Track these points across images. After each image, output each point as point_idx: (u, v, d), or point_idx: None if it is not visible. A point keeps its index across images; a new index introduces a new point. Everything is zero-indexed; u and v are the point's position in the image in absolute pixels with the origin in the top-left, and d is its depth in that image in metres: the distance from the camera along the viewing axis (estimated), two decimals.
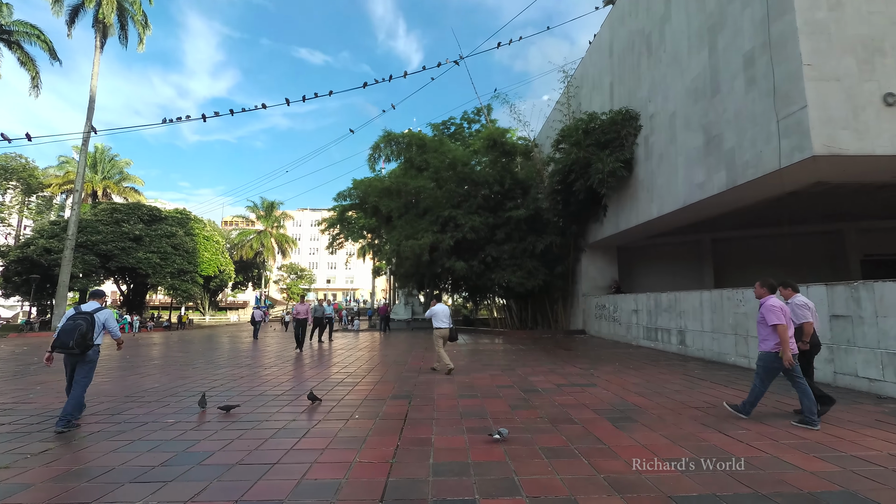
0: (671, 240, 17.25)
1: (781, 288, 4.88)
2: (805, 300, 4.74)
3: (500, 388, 6.50)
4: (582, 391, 6.28)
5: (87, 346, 4.74)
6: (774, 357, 4.31)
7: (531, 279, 17.17)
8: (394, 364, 9.24)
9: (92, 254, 28.88)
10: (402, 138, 17.80)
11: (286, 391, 6.41)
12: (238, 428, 4.56)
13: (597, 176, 13.04)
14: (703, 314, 9.58)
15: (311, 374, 8.02)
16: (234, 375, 7.95)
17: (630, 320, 13.08)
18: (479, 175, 17.85)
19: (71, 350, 4.67)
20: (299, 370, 8.62)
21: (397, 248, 17.66)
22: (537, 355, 10.53)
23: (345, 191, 22.01)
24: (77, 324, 4.72)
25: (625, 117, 13.35)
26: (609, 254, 17.55)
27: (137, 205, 33.87)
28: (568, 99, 18.71)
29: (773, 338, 4.31)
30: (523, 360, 9.63)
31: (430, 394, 6.18)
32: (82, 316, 4.82)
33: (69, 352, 4.70)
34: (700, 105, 9.87)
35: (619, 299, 13.94)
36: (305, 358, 10.61)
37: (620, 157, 12.94)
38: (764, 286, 4.55)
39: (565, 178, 14.91)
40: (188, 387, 6.91)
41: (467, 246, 17.86)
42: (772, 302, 4.41)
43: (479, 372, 8.06)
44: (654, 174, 11.91)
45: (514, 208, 17.30)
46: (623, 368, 8.32)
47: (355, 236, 28.77)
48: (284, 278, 60.00)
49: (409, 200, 19.94)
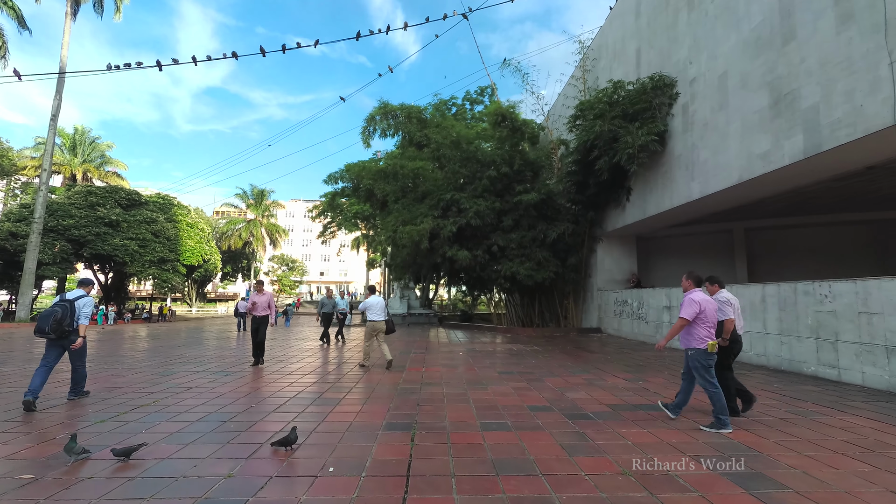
0: (697, 229, 15.58)
1: (707, 283, 4.77)
2: (728, 296, 4.66)
3: (536, 413, 4.76)
4: (650, 418, 4.56)
5: (63, 331, 4.90)
6: (704, 353, 4.21)
7: (541, 271, 15.44)
8: (387, 371, 7.46)
9: (63, 239, 26.78)
10: (400, 111, 15.87)
11: (236, 416, 4.61)
12: (121, 497, 2.76)
13: (625, 151, 11.27)
14: (767, 312, 7.89)
15: (281, 387, 6.21)
16: (179, 386, 6.14)
17: (660, 318, 11.40)
18: (486, 154, 16.02)
19: (47, 335, 4.86)
20: (265, 380, 6.81)
21: (393, 235, 15.85)
22: (560, 359, 8.81)
23: (336, 173, 20.12)
24: (54, 310, 4.90)
25: (657, 85, 11.57)
26: (627, 244, 15.85)
27: (115, 188, 31.70)
28: (583, 73, 16.91)
29: (700, 331, 4.23)
30: (547, 366, 7.90)
31: (439, 420, 4.43)
32: (62, 303, 5.00)
33: (46, 336, 4.89)
34: (764, 58, 8.11)
35: (647, 294, 12.25)
36: (277, 363, 8.80)
37: (653, 130, 11.17)
38: (690, 279, 4.52)
39: (585, 157, 13.15)
40: (103, 406, 5.10)
41: (471, 233, 16.09)
42: (692, 295, 4.35)
43: (499, 383, 6.31)
44: (695, 148, 10.17)
45: (524, 192, 15.51)
46: (677, 379, 6.63)
47: (348, 225, 26.92)
48: (275, 270, 57.93)
49: (406, 184, 18.10)
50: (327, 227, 30.31)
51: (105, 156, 43.53)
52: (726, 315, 4.54)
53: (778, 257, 14.35)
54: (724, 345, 4.55)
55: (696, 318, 4.22)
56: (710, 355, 4.19)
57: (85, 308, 5.10)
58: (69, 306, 4.97)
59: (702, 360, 4.21)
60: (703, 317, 4.22)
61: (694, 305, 4.23)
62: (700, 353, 4.21)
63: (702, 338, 4.20)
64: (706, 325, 4.22)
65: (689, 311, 4.23)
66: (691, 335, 4.26)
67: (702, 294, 4.38)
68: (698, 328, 4.22)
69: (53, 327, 4.82)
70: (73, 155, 41.43)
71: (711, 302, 4.36)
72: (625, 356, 9.25)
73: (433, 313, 25.63)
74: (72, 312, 4.96)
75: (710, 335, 4.21)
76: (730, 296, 4.67)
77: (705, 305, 4.25)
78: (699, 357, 4.21)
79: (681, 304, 4.41)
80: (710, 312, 4.26)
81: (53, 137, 25.86)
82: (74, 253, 27.55)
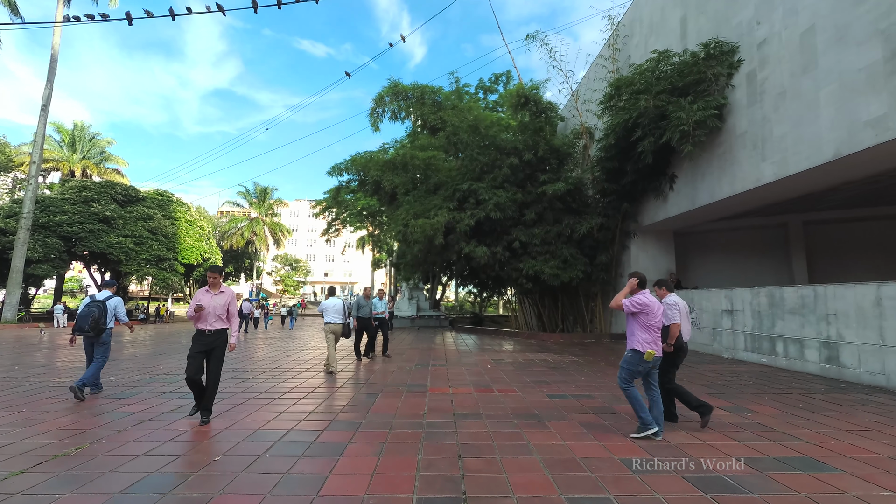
0: (742, 223, 13.92)
1: (656, 287, 4.64)
2: (677, 300, 4.46)
3: (643, 476, 3.17)
4: (813, 481, 2.95)
5: (100, 329, 5.49)
6: (640, 357, 3.96)
7: (568, 270, 13.84)
8: (405, 393, 5.89)
9: (55, 236, 25.47)
10: (412, 91, 14.29)
11: (182, 483, 3.05)
12: None
13: (678, 129, 9.63)
14: (885, 319, 6.24)
15: (264, 421, 4.65)
16: (128, 417, 4.61)
17: (719, 324, 9.75)
18: (507, 140, 14.42)
19: (87, 333, 5.44)
20: (245, 408, 5.25)
21: (403, 230, 14.29)
22: (614, 375, 7.20)
23: (341, 164, 18.58)
24: (90, 310, 5.46)
25: (712, 53, 9.96)
26: (664, 240, 14.21)
27: (111, 183, 30.39)
28: (613, 52, 15.28)
29: (641, 334, 3.97)
30: (605, 386, 6.31)
31: (500, 492, 2.84)
32: (96, 304, 5.56)
33: (85, 334, 5.46)
34: (873, 2, 6.49)
35: (699, 296, 10.61)
36: (267, 379, 7.26)
37: (712, 103, 9.55)
38: (635, 278, 4.17)
39: (625, 138, 11.52)
40: (11, 451, 3.56)
41: (489, 228, 14.52)
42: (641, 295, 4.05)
43: (558, 415, 4.73)
44: (767, 122, 8.54)
45: (549, 182, 13.91)
46: (791, 408, 5.01)
47: (353, 220, 25.39)
48: (278, 270, 56.61)
49: (416, 175, 16.56)
50: (331, 224, 28.82)
51: (105, 152, 42.42)
52: (671, 319, 4.34)
53: (840, 254, 12.67)
54: (669, 350, 4.34)
55: (640, 320, 3.98)
56: (644, 362, 3.96)
57: (119, 307, 5.75)
58: (102, 306, 5.55)
59: (634, 362, 4.01)
60: (647, 320, 3.95)
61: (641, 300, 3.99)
62: (635, 356, 4.00)
63: (642, 342, 3.97)
64: (650, 329, 3.97)
65: (629, 302, 4.03)
66: (633, 336, 4.05)
67: (651, 296, 4.12)
68: (641, 331, 4.00)
69: (92, 325, 5.39)
70: (73, 151, 40.34)
71: (659, 306, 4.09)
72: (690, 371, 7.62)
73: (444, 315, 24.06)
74: (105, 312, 5.55)
75: (652, 342, 3.95)
76: (678, 300, 4.48)
77: (653, 308, 3.99)
78: (633, 359, 4.02)
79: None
80: (658, 316, 4.01)
81: (44, 128, 24.57)
82: (67, 250, 26.25)
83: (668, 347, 4.32)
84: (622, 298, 4.08)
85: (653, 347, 3.93)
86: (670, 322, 4.34)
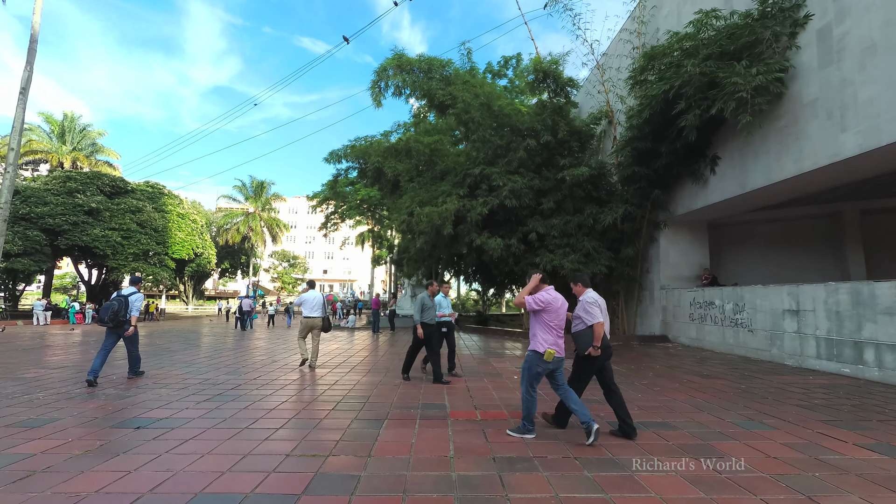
0: (787, 213, 12.51)
1: (573, 283, 4.21)
2: (595, 296, 4.01)
3: None
4: None
5: (118, 321, 5.92)
6: (540, 358, 3.74)
7: (590, 265, 12.38)
8: (418, 419, 4.47)
9: (36, 228, 23.99)
10: (418, 64, 12.80)
11: None
12: None
13: (734, 96, 8.19)
14: None
15: (217, 472, 3.24)
16: (25, 466, 3.20)
17: (779, 326, 8.34)
18: (523, 120, 12.98)
19: (107, 324, 5.92)
20: (201, 446, 3.85)
21: (408, 220, 12.85)
22: (671, 391, 5.78)
23: (339, 150, 17.16)
24: (112, 304, 5.95)
25: (768, 12, 8.55)
26: (696, 232, 12.80)
27: (98, 174, 28.88)
28: (639, 26, 13.83)
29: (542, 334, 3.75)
30: (686, 412, 4.89)
31: None
32: (119, 297, 6.02)
33: (106, 325, 5.94)
34: None
35: (751, 294, 9.19)
36: (244, 389, 5.85)
37: (775, 66, 8.12)
38: (535, 272, 3.99)
39: (663, 113, 10.10)
40: None
41: (503, 217, 13.10)
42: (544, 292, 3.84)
43: (645, 461, 3.31)
44: (848, 85, 7.12)
45: (570, 166, 12.48)
46: None
47: (352, 213, 23.97)
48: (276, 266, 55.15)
49: (421, 162, 15.13)
50: (329, 217, 27.41)
51: (96, 144, 40.93)
52: (595, 318, 3.88)
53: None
54: (596, 354, 3.87)
55: (542, 319, 3.75)
56: (544, 363, 3.71)
57: (136, 302, 6.09)
58: (124, 300, 6.00)
59: (535, 363, 3.75)
60: (550, 318, 3.73)
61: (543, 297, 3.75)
62: (534, 357, 3.76)
63: (542, 341, 3.73)
64: (551, 329, 3.73)
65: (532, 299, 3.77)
66: (535, 336, 3.79)
67: (555, 293, 3.85)
68: (542, 330, 3.76)
69: (111, 317, 5.86)
70: (62, 142, 38.86)
71: (563, 304, 3.84)
72: (756, 383, 6.20)
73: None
74: (126, 305, 5.99)
75: (553, 342, 3.71)
76: (596, 296, 4.06)
77: (556, 305, 3.75)
78: (532, 360, 3.77)
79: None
80: (560, 315, 3.78)
81: (23, 113, 22.84)
82: (49, 244, 24.78)
83: (594, 351, 3.82)
84: (525, 295, 3.80)
85: (553, 347, 3.68)
86: (594, 320, 3.84)
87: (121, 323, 5.88)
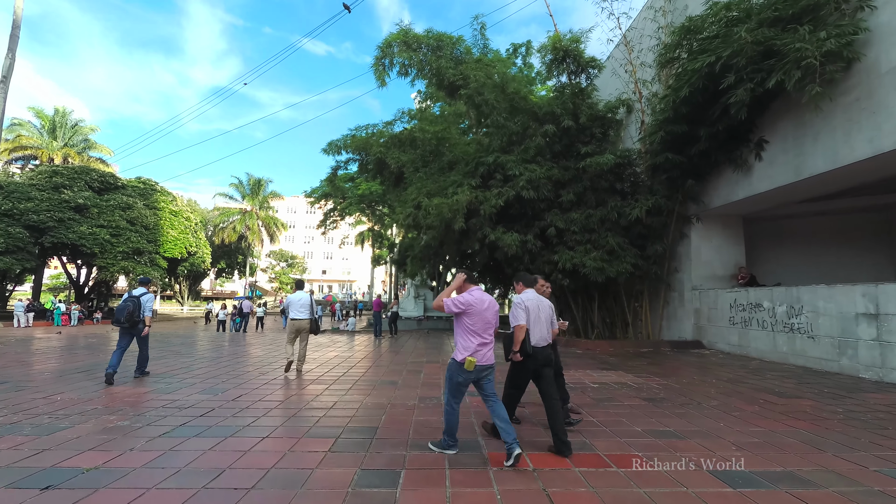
0: (834, 206, 11.34)
1: (514, 282, 4.06)
2: (525, 298, 3.69)
3: None
4: None
5: (133, 321, 6.14)
6: (459, 367, 3.34)
7: (615, 263, 11.21)
8: (447, 469, 3.29)
9: (19, 225, 22.76)
10: (426, 41, 11.59)
11: None
12: None
13: (801, 64, 7.01)
14: None
15: None
16: None
17: (851, 333, 7.15)
18: (541, 104, 11.80)
19: (122, 324, 6.12)
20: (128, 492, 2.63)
21: (415, 212, 11.66)
22: (777, 419, 4.59)
23: (339, 140, 15.98)
24: (126, 304, 6.14)
25: None
26: (731, 227, 11.65)
27: (86, 168, 27.67)
28: (665, 3, 12.67)
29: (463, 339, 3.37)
30: (794, 449, 3.71)
31: None
32: (131, 298, 6.24)
33: (121, 325, 6.13)
34: None
35: (810, 294, 8.00)
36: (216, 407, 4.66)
37: (847, 30, 6.95)
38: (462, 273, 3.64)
39: (705, 90, 8.93)
40: None
41: (518, 211, 11.95)
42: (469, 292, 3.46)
43: None
44: None
45: (592, 154, 11.31)
46: None
47: (352, 209, 22.78)
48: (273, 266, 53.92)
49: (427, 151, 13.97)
50: (328, 214, 26.22)
51: (88, 140, 39.77)
52: (516, 321, 3.57)
53: None
54: (517, 359, 3.55)
55: (463, 323, 3.35)
56: (466, 372, 3.30)
57: (148, 303, 6.34)
58: (137, 301, 6.24)
59: (455, 372, 3.37)
60: (471, 322, 3.33)
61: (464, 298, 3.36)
62: (455, 366, 3.37)
63: (461, 348, 3.35)
64: (471, 333, 3.33)
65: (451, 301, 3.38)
66: (456, 343, 3.44)
67: (480, 295, 3.42)
68: (462, 335, 3.38)
69: (126, 317, 6.07)
70: (53, 138, 37.69)
71: (490, 307, 3.40)
72: (862, 407, 5.02)
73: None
74: (139, 306, 6.24)
75: (475, 349, 3.29)
76: (526, 297, 3.69)
77: (478, 308, 3.33)
78: (454, 369, 3.38)
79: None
80: (486, 318, 3.36)
81: (4, 102, 21.76)
82: (34, 241, 23.56)
83: (514, 356, 3.56)
84: (444, 297, 3.44)
85: (473, 354, 3.29)
86: (514, 324, 3.59)
87: (136, 323, 6.13)
